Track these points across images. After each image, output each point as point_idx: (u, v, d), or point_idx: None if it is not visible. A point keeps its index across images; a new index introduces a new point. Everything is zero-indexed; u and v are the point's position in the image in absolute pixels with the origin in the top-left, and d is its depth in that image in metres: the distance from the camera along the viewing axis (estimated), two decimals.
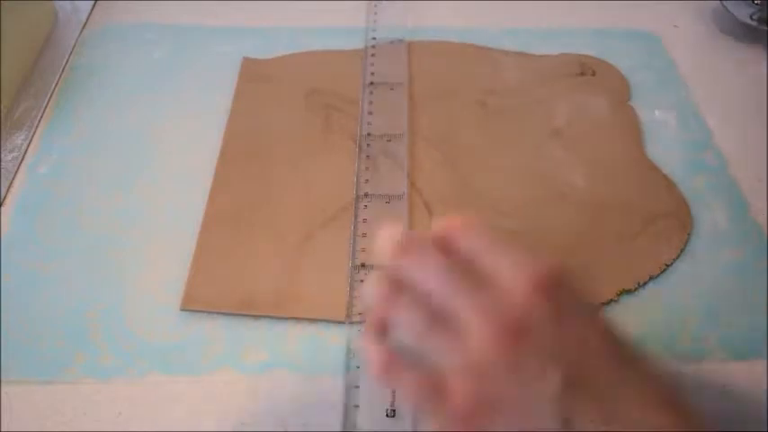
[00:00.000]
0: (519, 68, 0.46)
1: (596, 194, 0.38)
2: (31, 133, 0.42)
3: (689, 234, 0.36)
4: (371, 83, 0.44)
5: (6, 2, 0.42)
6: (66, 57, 0.47)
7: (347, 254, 0.35)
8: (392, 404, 0.29)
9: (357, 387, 0.30)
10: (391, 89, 0.44)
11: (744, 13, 0.48)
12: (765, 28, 0.48)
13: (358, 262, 0.34)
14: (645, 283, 0.34)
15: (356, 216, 0.36)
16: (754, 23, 0.48)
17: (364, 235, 0.35)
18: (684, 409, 0.20)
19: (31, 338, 0.32)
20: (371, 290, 0.22)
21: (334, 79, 0.45)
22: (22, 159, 0.40)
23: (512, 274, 0.20)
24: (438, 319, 0.21)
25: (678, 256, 0.35)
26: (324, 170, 0.39)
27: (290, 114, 0.42)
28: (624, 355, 0.21)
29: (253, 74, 0.45)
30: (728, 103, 0.44)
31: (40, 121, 0.42)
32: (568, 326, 0.20)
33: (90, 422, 0.29)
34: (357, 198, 0.37)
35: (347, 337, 0.32)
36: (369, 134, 0.41)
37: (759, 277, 0.35)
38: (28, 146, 0.41)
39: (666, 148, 0.41)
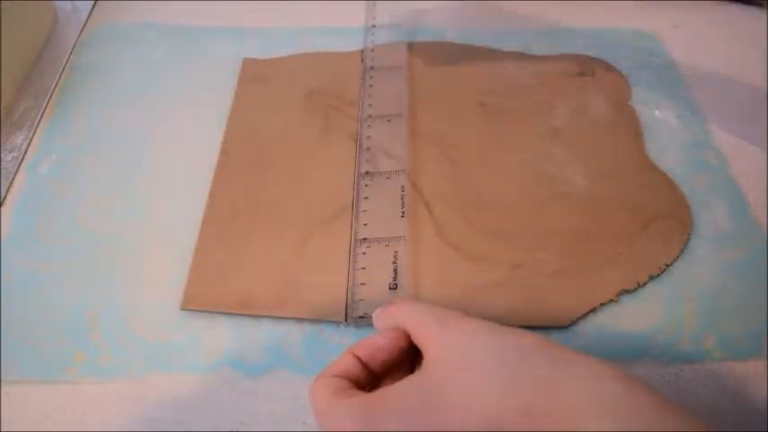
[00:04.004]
0: (519, 68, 0.46)
1: (596, 194, 0.38)
2: (31, 133, 0.42)
3: (689, 234, 0.36)
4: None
5: (6, 2, 0.42)
6: (67, 57, 0.47)
7: (347, 254, 0.35)
8: None
9: None
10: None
11: None
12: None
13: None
14: (645, 283, 0.34)
15: (356, 216, 0.36)
16: None
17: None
18: None
19: (31, 338, 0.32)
20: None
21: (333, 79, 0.45)
22: (22, 159, 0.40)
23: None
24: None
25: (678, 256, 0.35)
26: (324, 170, 0.39)
27: (289, 114, 0.42)
28: None
29: (253, 74, 0.45)
30: (728, 103, 0.44)
31: (39, 121, 0.42)
32: None
33: (90, 422, 0.29)
34: (357, 198, 0.37)
35: (347, 337, 0.32)
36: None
37: (759, 277, 0.34)
38: (28, 146, 0.41)
39: (666, 148, 0.41)
